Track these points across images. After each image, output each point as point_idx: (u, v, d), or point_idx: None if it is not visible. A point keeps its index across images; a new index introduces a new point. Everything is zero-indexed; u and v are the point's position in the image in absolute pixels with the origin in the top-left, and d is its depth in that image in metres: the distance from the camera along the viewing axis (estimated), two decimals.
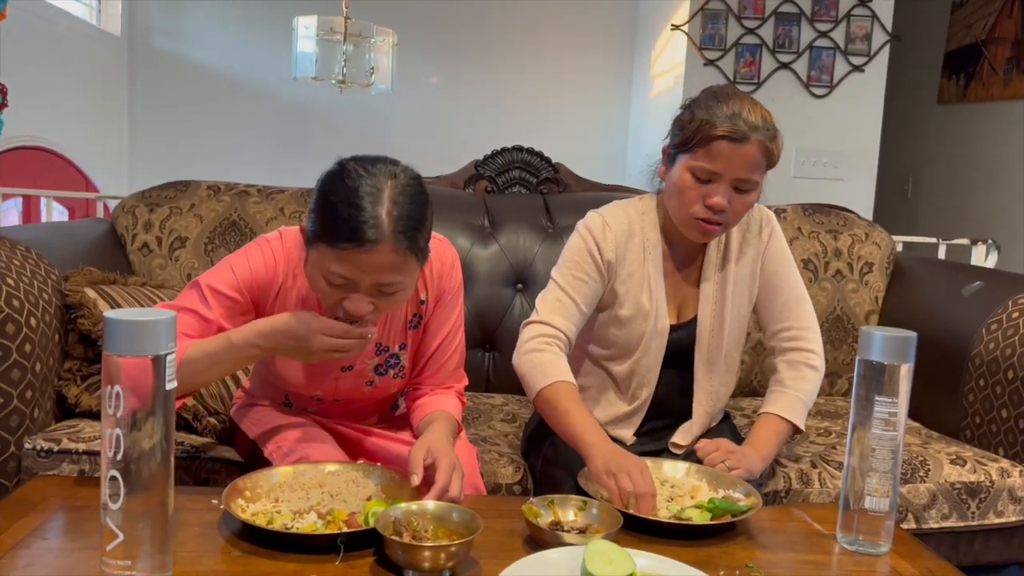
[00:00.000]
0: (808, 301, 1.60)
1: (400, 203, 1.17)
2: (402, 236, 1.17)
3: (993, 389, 1.82)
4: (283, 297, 1.34)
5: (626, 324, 1.54)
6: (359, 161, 1.20)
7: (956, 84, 4.77)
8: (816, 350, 1.56)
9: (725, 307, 1.56)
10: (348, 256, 1.17)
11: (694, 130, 1.42)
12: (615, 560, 1.01)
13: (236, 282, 1.30)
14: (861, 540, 1.17)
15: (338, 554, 1.04)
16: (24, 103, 3.15)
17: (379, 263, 1.17)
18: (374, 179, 1.17)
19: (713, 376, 1.58)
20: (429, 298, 1.42)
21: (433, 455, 1.21)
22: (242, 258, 1.33)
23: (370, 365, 1.43)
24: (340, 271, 1.18)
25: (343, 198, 1.16)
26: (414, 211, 1.19)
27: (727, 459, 1.37)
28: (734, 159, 1.40)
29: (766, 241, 1.58)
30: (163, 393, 0.90)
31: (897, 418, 1.15)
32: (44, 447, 1.51)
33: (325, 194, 1.20)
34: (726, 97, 1.43)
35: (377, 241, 1.15)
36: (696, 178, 1.44)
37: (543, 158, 2.46)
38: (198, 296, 1.30)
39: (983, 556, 1.73)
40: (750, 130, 1.40)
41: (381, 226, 1.15)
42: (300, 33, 3.79)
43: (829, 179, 4.04)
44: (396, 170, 1.21)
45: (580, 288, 1.52)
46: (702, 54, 3.93)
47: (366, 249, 1.15)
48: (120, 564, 0.90)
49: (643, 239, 1.55)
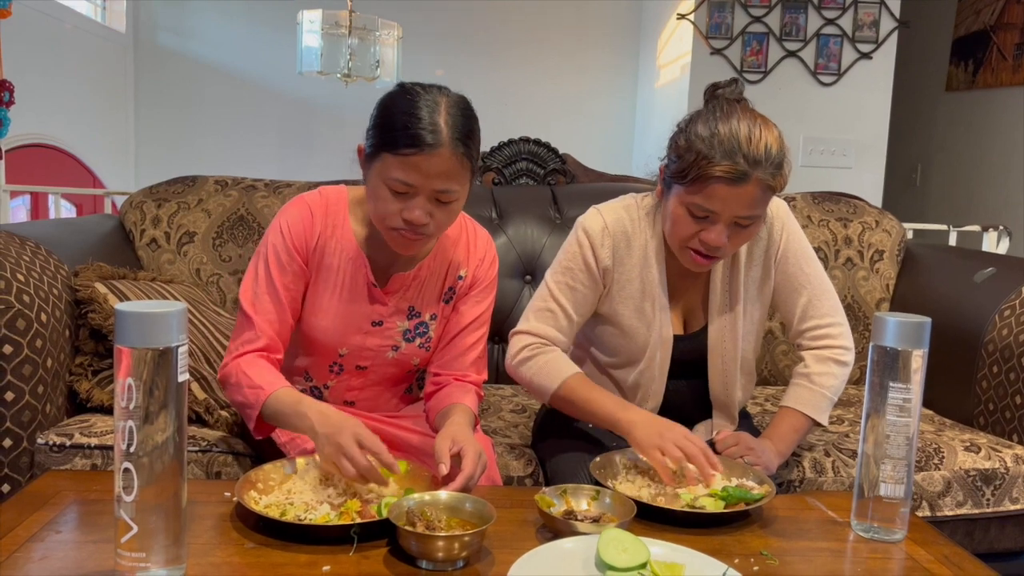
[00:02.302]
0: (832, 293, 1.52)
1: (455, 114, 1.28)
2: (459, 143, 1.27)
3: (1007, 375, 1.81)
4: (322, 247, 1.41)
5: (628, 333, 1.50)
6: (413, 84, 1.32)
7: (965, 71, 4.73)
8: (846, 344, 1.50)
9: (737, 320, 1.49)
10: (411, 162, 1.26)
11: (690, 164, 1.32)
12: (629, 548, 1.00)
13: (285, 242, 1.38)
14: (876, 527, 1.17)
15: (352, 545, 1.04)
16: (30, 101, 3.15)
17: (439, 167, 1.26)
18: (430, 95, 1.29)
19: (731, 386, 1.52)
20: (468, 275, 1.47)
21: (458, 445, 1.22)
22: (282, 217, 1.41)
23: (400, 327, 1.46)
24: (403, 177, 1.26)
25: (405, 110, 1.27)
26: (467, 123, 1.30)
27: (747, 455, 1.36)
28: (732, 200, 1.31)
29: (779, 240, 1.49)
30: (175, 385, 0.90)
31: (911, 404, 1.14)
32: (56, 442, 1.51)
33: (386, 109, 1.30)
34: (726, 118, 1.32)
35: (436, 145, 1.25)
36: (692, 214, 1.35)
37: (550, 149, 2.46)
38: (265, 279, 1.38)
39: (998, 543, 1.72)
40: (751, 167, 1.29)
41: (440, 132, 1.25)
42: (305, 28, 3.79)
43: (837, 168, 4.02)
44: (447, 91, 1.33)
45: (572, 296, 1.48)
46: (708, 43, 3.91)
47: (427, 153, 1.25)
48: (134, 556, 0.90)
49: (645, 244, 1.48)
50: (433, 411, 1.43)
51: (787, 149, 1.35)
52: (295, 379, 1.51)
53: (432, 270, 1.45)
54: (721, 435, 1.41)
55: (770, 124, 1.34)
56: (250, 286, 1.39)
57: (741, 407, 1.60)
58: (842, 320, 1.52)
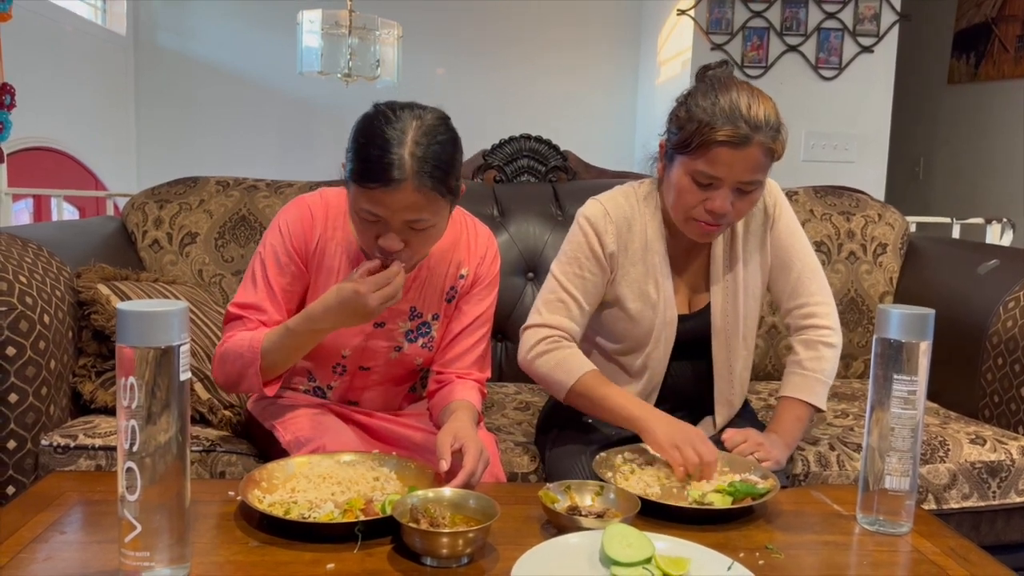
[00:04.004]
0: (820, 273, 1.56)
1: (423, 144, 1.23)
2: (426, 176, 1.23)
3: (1012, 367, 1.80)
4: (322, 249, 1.40)
5: (635, 317, 1.50)
6: (389, 105, 1.28)
7: (966, 63, 4.72)
8: (832, 325, 1.53)
9: (738, 292, 1.53)
10: (375, 195, 1.23)
11: (692, 132, 1.35)
12: (634, 544, 1.00)
13: (284, 244, 1.38)
14: (882, 520, 1.16)
15: (356, 543, 1.04)
16: (32, 104, 3.15)
17: (404, 202, 1.23)
18: (400, 122, 1.24)
19: (734, 362, 1.55)
20: (469, 275, 1.47)
21: (460, 441, 1.22)
22: (282, 218, 1.41)
23: (402, 328, 1.45)
24: (370, 208, 1.25)
25: (370, 140, 1.23)
26: (438, 152, 1.24)
27: (756, 451, 1.36)
28: (735, 164, 1.34)
29: (772, 216, 1.53)
30: (177, 384, 0.90)
31: (916, 396, 1.13)
32: (60, 443, 1.51)
33: (358, 135, 1.27)
34: (725, 89, 1.36)
35: (401, 181, 1.22)
36: (696, 182, 1.38)
37: (551, 146, 2.46)
38: (262, 278, 1.38)
39: (1005, 535, 1.72)
40: (752, 131, 1.33)
41: (404, 166, 1.22)
42: (305, 28, 3.78)
43: (840, 162, 4.01)
44: (422, 113, 1.27)
45: (581, 285, 1.48)
46: (709, 38, 3.90)
47: (391, 189, 1.22)
48: (138, 555, 0.90)
49: (645, 227, 1.50)
50: (436, 408, 1.43)
51: (783, 120, 1.39)
52: (298, 379, 1.51)
53: (433, 270, 1.45)
54: (729, 433, 1.41)
55: (765, 95, 1.39)
56: (243, 292, 1.39)
57: (741, 391, 1.60)
58: (829, 300, 1.55)
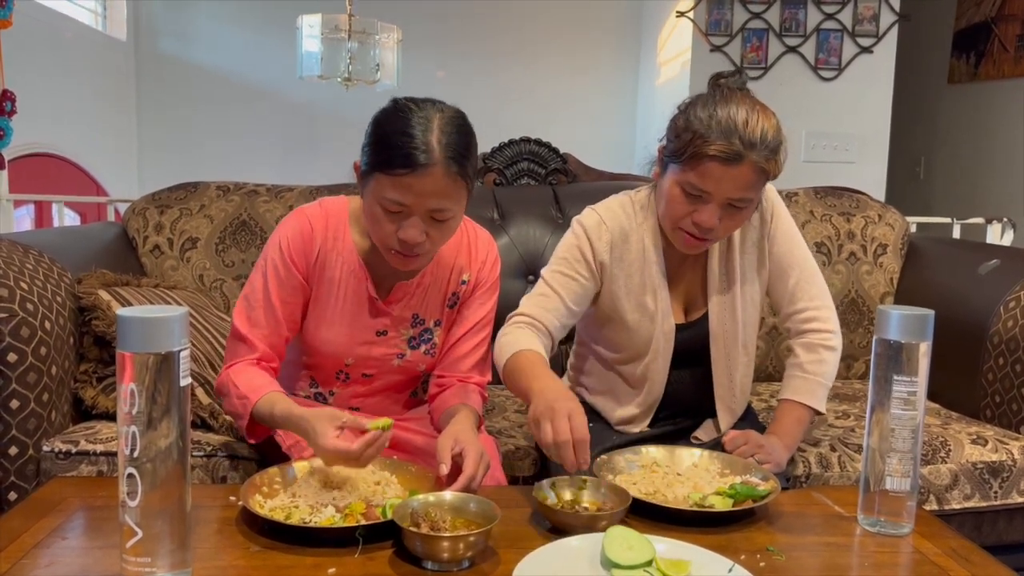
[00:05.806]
0: (819, 276, 1.55)
1: (448, 132, 1.26)
2: (452, 161, 1.25)
3: (1013, 367, 1.80)
4: (322, 261, 1.40)
5: (633, 329, 1.50)
6: (409, 99, 1.30)
7: (966, 63, 4.72)
8: (832, 328, 1.52)
9: (736, 300, 1.51)
10: (403, 182, 1.24)
11: (686, 142, 1.33)
12: (635, 546, 1.00)
13: (284, 258, 1.38)
14: (883, 521, 1.16)
15: (357, 547, 1.04)
16: (32, 111, 3.16)
17: (432, 187, 1.24)
18: (424, 112, 1.26)
19: (733, 371, 1.54)
20: (471, 280, 1.47)
21: (461, 445, 1.22)
22: (281, 232, 1.40)
23: (404, 336, 1.46)
24: (396, 197, 1.25)
25: (397, 128, 1.25)
26: (461, 140, 1.27)
27: (757, 453, 1.36)
28: (725, 180, 1.32)
29: (769, 221, 1.51)
30: (177, 389, 0.90)
31: (916, 397, 1.13)
32: (62, 449, 1.52)
33: (379, 127, 1.29)
34: (725, 102, 1.33)
35: (429, 165, 1.23)
36: (686, 193, 1.36)
37: (551, 149, 2.45)
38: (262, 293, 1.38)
39: (1007, 536, 1.72)
40: (746, 148, 1.30)
41: (432, 151, 1.23)
42: (304, 32, 3.79)
43: (840, 162, 4.01)
44: (443, 106, 1.30)
45: (567, 285, 1.47)
46: (708, 40, 3.90)
47: (419, 173, 1.23)
48: (140, 561, 0.90)
49: (642, 238, 1.49)
50: (437, 412, 1.44)
51: (784, 139, 1.36)
52: (300, 385, 1.51)
53: (435, 277, 1.45)
54: (730, 435, 1.41)
55: (769, 112, 1.36)
56: (244, 308, 1.39)
57: (743, 397, 1.60)
58: (829, 304, 1.55)
